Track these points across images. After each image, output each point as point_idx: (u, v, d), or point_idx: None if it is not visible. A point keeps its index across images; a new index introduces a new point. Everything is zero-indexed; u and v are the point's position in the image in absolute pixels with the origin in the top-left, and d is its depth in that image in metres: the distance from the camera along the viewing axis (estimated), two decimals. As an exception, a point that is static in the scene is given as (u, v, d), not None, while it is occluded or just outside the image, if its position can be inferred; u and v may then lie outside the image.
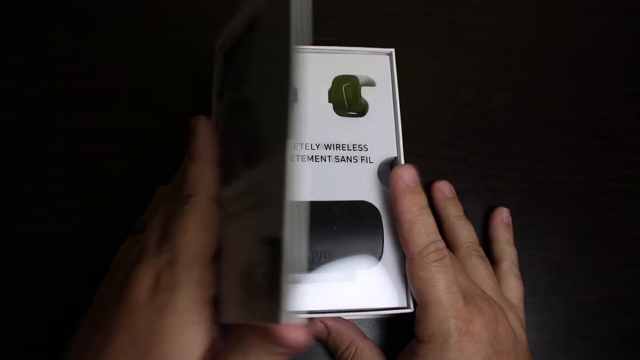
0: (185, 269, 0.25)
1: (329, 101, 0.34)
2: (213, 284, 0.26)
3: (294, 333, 0.23)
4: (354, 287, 0.30)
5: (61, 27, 0.43)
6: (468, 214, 0.39)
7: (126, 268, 0.27)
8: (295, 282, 0.30)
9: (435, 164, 0.41)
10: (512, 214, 0.40)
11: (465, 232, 0.37)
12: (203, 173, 0.28)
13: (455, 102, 0.43)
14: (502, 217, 0.39)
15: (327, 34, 0.42)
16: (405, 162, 0.32)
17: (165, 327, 0.24)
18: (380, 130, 0.34)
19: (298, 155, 0.32)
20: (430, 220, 0.30)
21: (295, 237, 0.20)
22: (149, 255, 0.26)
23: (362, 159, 0.33)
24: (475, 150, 0.41)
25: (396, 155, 0.33)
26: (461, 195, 0.40)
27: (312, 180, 0.32)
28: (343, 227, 0.31)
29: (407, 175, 0.30)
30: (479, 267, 0.35)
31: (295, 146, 0.20)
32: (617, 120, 0.43)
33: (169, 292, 0.25)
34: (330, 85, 0.35)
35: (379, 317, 0.37)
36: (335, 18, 0.44)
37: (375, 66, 0.35)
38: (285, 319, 0.20)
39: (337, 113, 0.34)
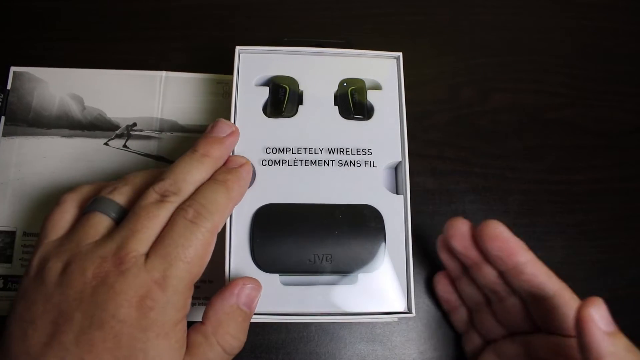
0: (175, 295, 0.25)
1: (335, 104, 0.34)
2: (191, 301, 0.26)
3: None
4: (355, 291, 0.30)
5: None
6: (468, 214, 0.39)
7: (88, 265, 0.25)
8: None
9: (435, 164, 0.41)
10: (512, 214, 0.40)
11: None
12: (228, 207, 0.28)
13: (455, 102, 0.43)
14: None
15: (332, 36, 0.42)
16: (410, 165, 0.32)
17: (151, 348, 0.24)
18: (386, 134, 0.33)
19: (301, 160, 0.32)
20: None
21: None
22: (135, 267, 0.24)
23: (365, 163, 0.32)
24: (475, 150, 0.41)
25: (400, 160, 0.33)
26: (461, 195, 0.40)
27: (315, 183, 0.32)
28: (345, 231, 0.31)
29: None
30: None
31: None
32: (617, 120, 0.43)
33: (156, 313, 0.24)
34: (336, 88, 0.35)
35: (380, 320, 0.36)
36: (336, 18, 0.44)
37: (381, 70, 0.35)
38: None
39: (342, 116, 0.34)
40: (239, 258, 0.30)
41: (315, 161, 0.32)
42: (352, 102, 0.34)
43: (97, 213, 0.27)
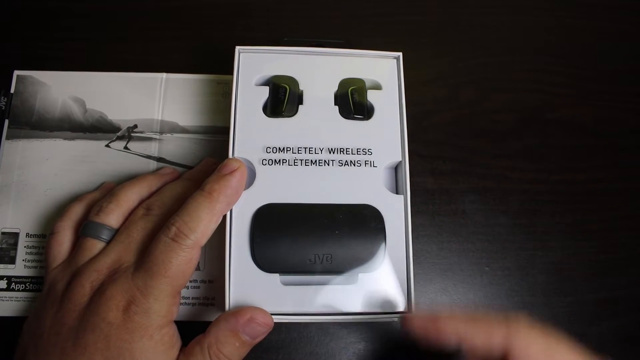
0: (157, 302, 0.27)
1: (335, 104, 0.34)
2: (178, 307, 0.29)
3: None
4: (355, 291, 0.30)
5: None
6: (468, 214, 0.39)
7: (85, 278, 0.28)
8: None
9: (435, 164, 0.41)
10: (512, 214, 0.40)
11: None
12: (212, 221, 0.29)
13: (455, 102, 0.43)
14: None
15: (332, 36, 0.42)
16: (410, 165, 0.32)
17: (136, 348, 0.26)
18: (386, 134, 0.33)
19: (302, 160, 0.32)
20: None
21: None
22: (124, 275, 0.28)
23: (366, 163, 0.32)
24: (475, 150, 0.41)
25: (400, 160, 0.33)
26: (461, 195, 0.40)
27: (315, 183, 0.32)
28: (346, 231, 0.31)
29: None
30: None
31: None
32: (617, 120, 0.43)
33: (140, 317, 0.27)
34: (336, 88, 0.35)
35: (380, 320, 0.36)
36: (335, 18, 0.44)
37: (381, 70, 0.35)
38: None
39: (342, 116, 0.34)
40: (239, 258, 0.30)
41: (316, 161, 0.32)
42: (352, 102, 0.34)
43: (89, 239, 0.31)
